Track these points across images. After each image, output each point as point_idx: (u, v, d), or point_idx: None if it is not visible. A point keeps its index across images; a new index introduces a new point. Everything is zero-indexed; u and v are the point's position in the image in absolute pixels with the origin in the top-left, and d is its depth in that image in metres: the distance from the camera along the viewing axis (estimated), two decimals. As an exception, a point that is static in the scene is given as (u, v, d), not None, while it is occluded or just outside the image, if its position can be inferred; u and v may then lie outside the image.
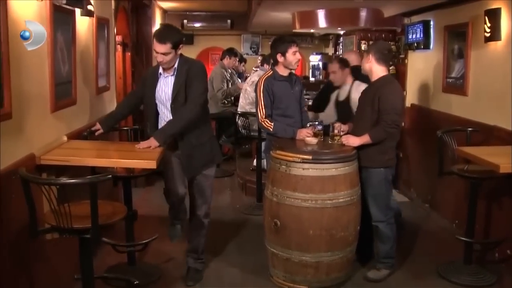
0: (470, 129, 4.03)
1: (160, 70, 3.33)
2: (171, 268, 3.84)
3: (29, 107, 2.77)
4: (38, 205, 2.58)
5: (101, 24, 4.34)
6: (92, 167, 3.20)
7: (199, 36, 11.45)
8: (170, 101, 3.30)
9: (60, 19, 3.22)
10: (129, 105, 3.70)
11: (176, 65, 3.30)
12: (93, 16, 3.89)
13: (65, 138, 3.34)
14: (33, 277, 2.82)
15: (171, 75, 3.31)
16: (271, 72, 3.92)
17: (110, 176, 2.36)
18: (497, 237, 3.86)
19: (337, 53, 9.44)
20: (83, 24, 3.83)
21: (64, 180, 2.41)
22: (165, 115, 3.37)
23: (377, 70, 3.59)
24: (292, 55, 3.82)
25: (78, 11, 3.59)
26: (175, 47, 3.20)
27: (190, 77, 3.29)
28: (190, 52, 12.03)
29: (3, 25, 2.36)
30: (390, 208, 3.69)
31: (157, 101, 3.36)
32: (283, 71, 3.90)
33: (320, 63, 9.95)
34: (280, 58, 3.84)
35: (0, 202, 2.43)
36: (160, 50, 3.16)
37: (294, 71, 4.02)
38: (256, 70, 7.00)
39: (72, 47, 3.50)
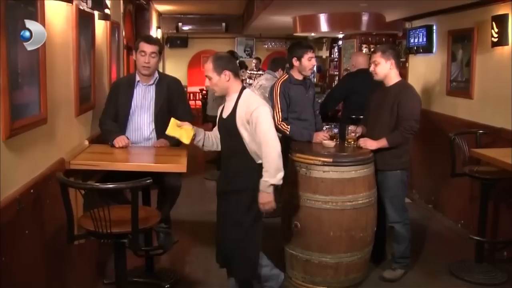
0: (480, 131, 4.13)
1: (138, 78, 3.46)
2: (188, 272, 3.85)
3: (59, 112, 2.76)
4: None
5: (113, 28, 4.33)
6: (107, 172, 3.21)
7: (194, 39, 11.44)
8: (154, 109, 3.44)
9: (83, 23, 3.21)
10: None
11: (157, 76, 3.49)
12: (109, 20, 3.89)
13: (86, 143, 3.33)
14: (64, 281, 2.81)
15: (151, 84, 3.47)
16: (287, 76, 3.97)
17: (151, 180, 2.37)
18: (505, 237, 3.97)
19: (332, 56, 9.54)
20: (99, 28, 3.82)
21: (106, 185, 2.39)
22: (143, 121, 3.46)
23: (394, 75, 3.65)
24: (308, 60, 3.87)
25: (96, 14, 3.58)
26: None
27: (175, 92, 3.56)
28: (184, 54, 12.07)
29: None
30: (406, 209, 3.76)
31: (134, 108, 3.44)
32: (297, 75, 3.95)
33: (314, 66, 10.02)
34: (295, 62, 3.89)
35: (36, 207, 2.42)
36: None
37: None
38: (262, 74, 7.03)
39: (92, 51, 3.49)
